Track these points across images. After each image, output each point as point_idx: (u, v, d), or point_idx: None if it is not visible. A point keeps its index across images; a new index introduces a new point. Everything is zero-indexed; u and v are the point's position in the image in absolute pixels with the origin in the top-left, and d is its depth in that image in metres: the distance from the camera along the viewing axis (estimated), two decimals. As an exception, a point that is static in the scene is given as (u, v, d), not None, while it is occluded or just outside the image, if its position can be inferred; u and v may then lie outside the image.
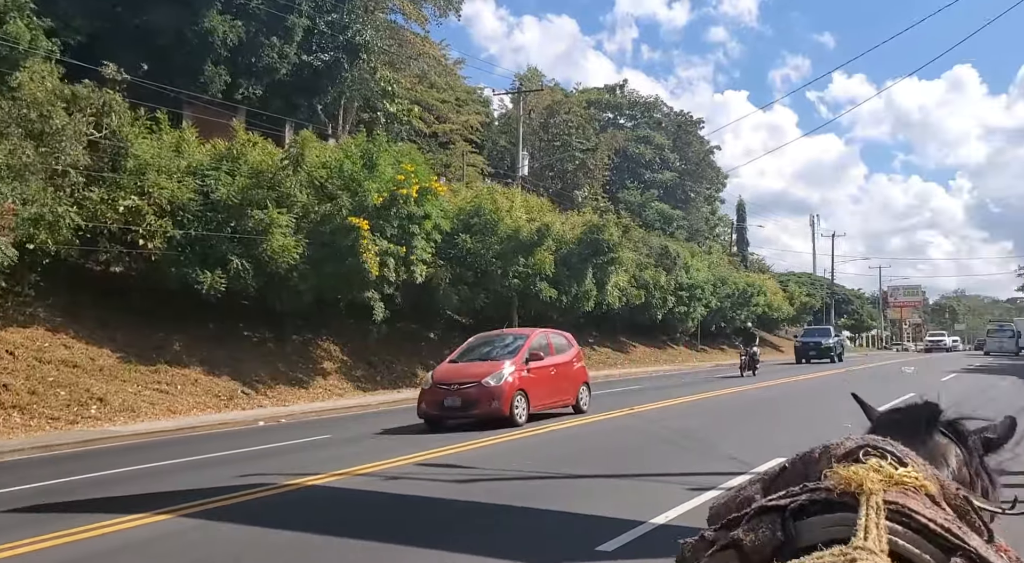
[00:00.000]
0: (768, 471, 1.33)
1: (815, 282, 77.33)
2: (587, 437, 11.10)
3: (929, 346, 75.08)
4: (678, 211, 51.08)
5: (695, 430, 11.71)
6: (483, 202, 23.23)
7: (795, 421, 13.15)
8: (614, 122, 52.80)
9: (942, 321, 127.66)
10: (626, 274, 33.79)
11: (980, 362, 39.57)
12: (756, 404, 16.63)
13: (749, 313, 51.27)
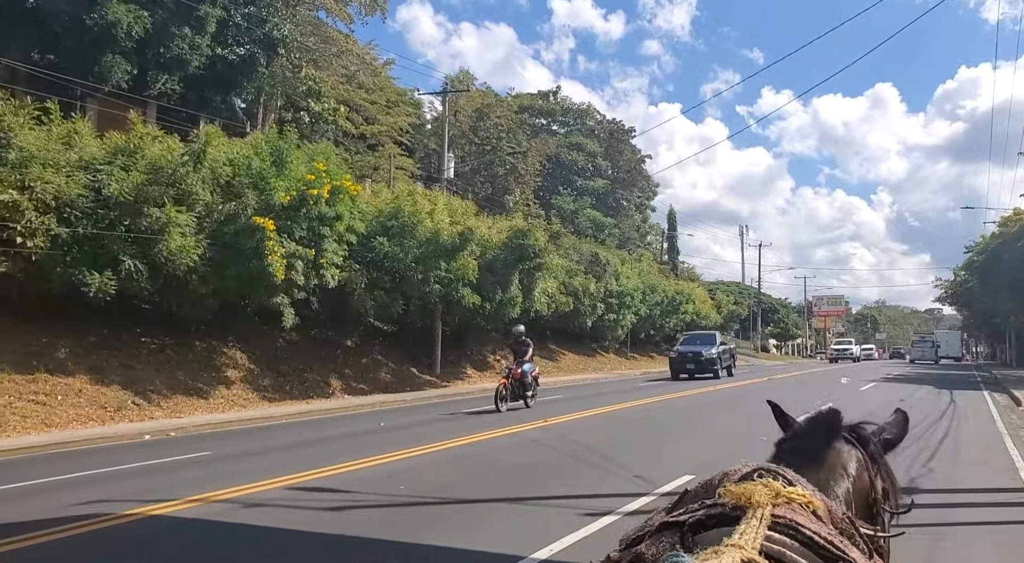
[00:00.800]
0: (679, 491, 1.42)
1: (743, 291, 78.62)
2: (486, 454, 10.36)
3: (834, 355, 68.63)
4: (610, 219, 50.99)
5: (606, 445, 11.09)
6: (403, 204, 22.35)
7: (712, 433, 12.68)
8: (547, 128, 52.44)
9: (864, 330, 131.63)
10: (555, 281, 33.30)
11: (899, 371, 40.41)
12: (675, 415, 16.18)
13: (678, 321, 51.46)
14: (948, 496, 7.89)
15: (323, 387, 21.93)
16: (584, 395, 22.03)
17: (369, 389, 23.10)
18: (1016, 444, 11.89)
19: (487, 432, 12.31)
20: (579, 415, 15.35)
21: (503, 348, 34.71)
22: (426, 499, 7.33)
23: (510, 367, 18.11)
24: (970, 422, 15.09)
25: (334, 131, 36.15)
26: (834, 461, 1.60)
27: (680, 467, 8.98)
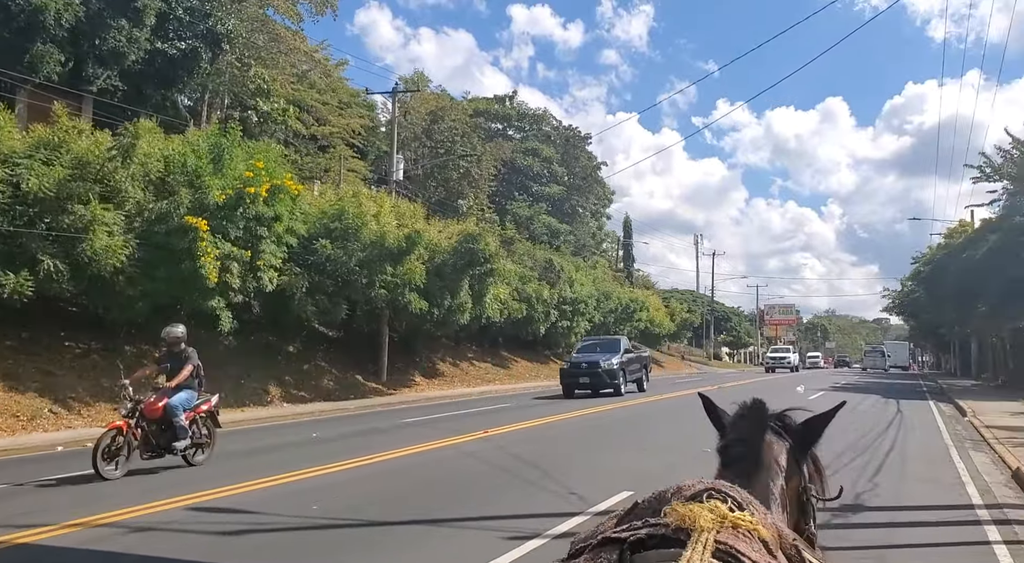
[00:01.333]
0: (626, 504, 1.42)
1: (697, 299, 79.19)
2: (416, 469, 9.78)
3: (770, 364, 60.20)
4: (565, 225, 50.77)
5: (546, 458, 10.59)
6: (347, 206, 21.63)
7: (655, 444, 12.27)
8: (503, 133, 52.04)
9: (814, 339, 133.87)
10: (507, 287, 32.78)
11: (846, 380, 40.75)
12: (620, 425, 15.76)
13: (632, 328, 51.38)
14: (895, 514, 7.55)
15: (261, 395, 21.09)
16: (531, 404, 21.54)
17: (310, 397, 22.31)
18: (962, 457, 11.70)
19: (423, 444, 11.72)
20: (524, 425, 14.84)
21: (456, 355, 34.26)
22: (340, 520, 6.72)
23: (135, 399, 9.69)
24: (916, 433, 14.95)
25: (284, 131, 35.20)
26: (768, 458, 1.63)
27: (619, 482, 8.52)
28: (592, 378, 23.97)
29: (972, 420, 17.46)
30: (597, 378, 23.87)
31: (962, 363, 54.38)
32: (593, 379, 23.98)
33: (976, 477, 9.79)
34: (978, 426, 15.96)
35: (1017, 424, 16.38)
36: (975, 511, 7.71)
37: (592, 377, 23.93)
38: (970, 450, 12.55)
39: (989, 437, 13.99)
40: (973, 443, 13.55)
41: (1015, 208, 29.43)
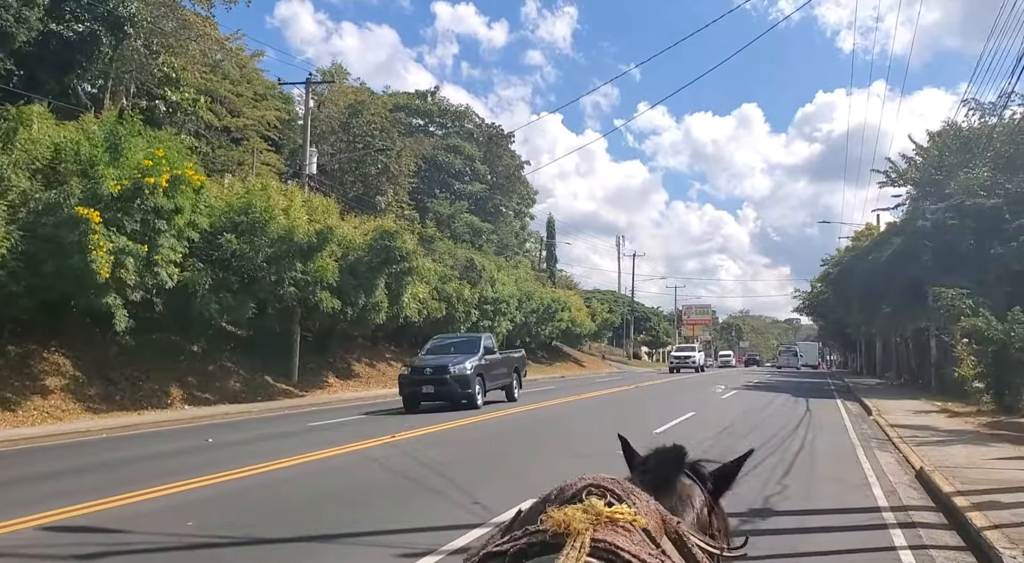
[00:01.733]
0: None
1: (618, 300, 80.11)
2: (312, 477, 9.20)
3: (675, 365, 55.85)
4: (487, 224, 50.41)
5: (454, 463, 10.16)
6: (255, 199, 20.69)
7: (570, 448, 11.98)
8: (424, 129, 51.31)
9: (729, 338, 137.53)
10: (427, 286, 32.19)
11: (759, 379, 41.73)
12: (536, 426, 15.46)
13: (554, 328, 51.50)
14: (803, 519, 7.42)
15: (161, 397, 19.97)
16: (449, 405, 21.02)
17: (214, 399, 21.28)
18: (868, 456, 11.82)
19: (324, 450, 11.11)
20: (435, 428, 14.36)
21: (373, 355, 33.43)
22: (216, 538, 6.12)
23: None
24: (824, 432, 15.14)
25: (195, 122, 33.67)
26: (682, 491, 1.63)
27: (528, 489, 8.13)
28: (438, 386, 19.22)
29: (877, 419, 17.88)
30: (444, 387, 19.22)
31: (867, 362, 56.56)
32: (440, 388, 19.23)
33: (882, 477, 9.84)
34: (883, 425, 16.32)
35: (919, 422, 16.83)
36: (881, 514, 7.66)
37: (438, 385, 19.21)
38: (876, 449, 12.73)
39: (894, 436, 14.27)
40: (878, 442, 13.78)
41: (918, 212, 30.59)
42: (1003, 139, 28.33)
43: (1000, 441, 13.48)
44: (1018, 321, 18.65)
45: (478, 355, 20.60)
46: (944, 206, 28.22)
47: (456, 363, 19.72)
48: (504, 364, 22.40)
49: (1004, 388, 18.79)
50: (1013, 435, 14.56)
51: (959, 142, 31.30)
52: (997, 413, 18.35)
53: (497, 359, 22.13)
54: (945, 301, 25.76)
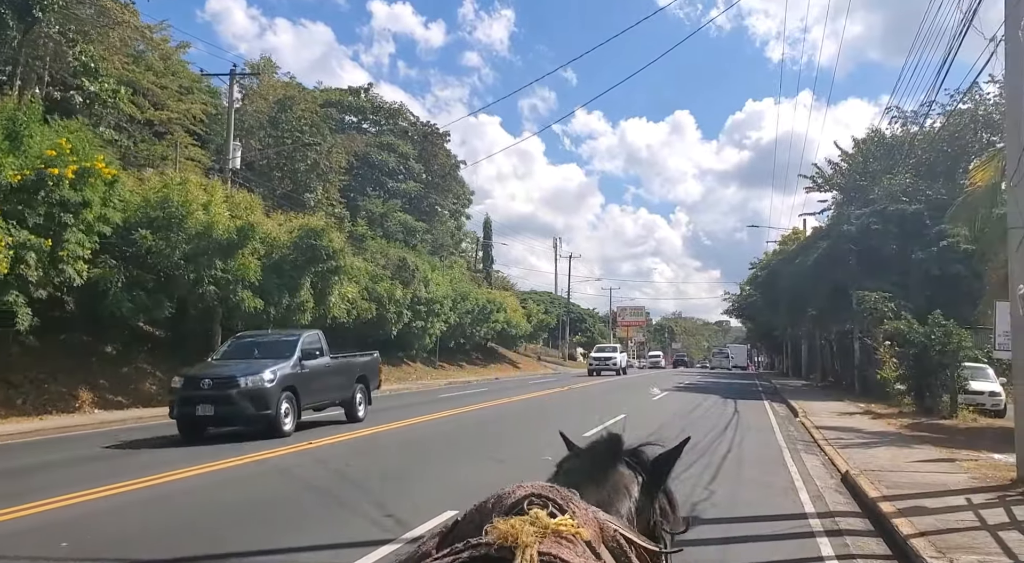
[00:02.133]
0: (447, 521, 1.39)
1: (554, 301, 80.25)
2: (213, 491, 8.56)
3: (595, 367, 49.52)
4: (422, 223, 49.66)
5: (371, 473, 9.66)
6: (172, 193, 19.69)
7: (497, 453, 11.58)
8: (357, 126, 50.26)
9: (662, 340, 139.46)
10: (356, 286, 31.40)
11: (689, 380, 42.16)
12: (470, 430, 15.02)
13: (489, 329, 51.13)
14: (730, 527, 7.17)
15: (68, 400, 18.80)
16: (376, 409, 20.40)
17: (128, 402, 20.19)
18: (794, 459, 11.77)
19: (231, 459, 10.43)
20: (352, 435, 13.77)
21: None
22: (91, 560, 5.50)
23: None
24: (752, 434, 15.13)
25: (115, 115, 32.11)
26: (617, 481, 1.64)
27: (446, 498, 7.72)
28: (221, 405, 13.46)
29: (803, 420, 18.03)
30: (230, 406, 13.48)
31: (793, 364, 57.91)
32: (222, 407, 13.49)
33: (808, 481, 9.74)
34: (809, 427, 16.43)
35: (844, 424, 17.02)
36: (808, 521, 7.49)
37: (221, 404, 13.44)
38: (802, 452, 12.71)
39: (819, 438, 14.33)
40: (805, 445, 13.81)
41: (843, 217, 31.33)
42: (924, 147, 29.18)
43: (922, 443, 13.65)
44: (938, 324, 19.07)
45: (291, 361, 14.98)
46: (868, 211, 28.90)
47: (251, 375, 14.00)
48: (340, 373, 16.92)
49: (924, 390, 19.21)
50: (934, 437, 14.80)
51: (883, 149, 32.17)
52: (918, 414, 18.73)
53: (325, 366, 16.31)
54: (868, 304, 26.35)
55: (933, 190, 28.73)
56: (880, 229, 28.11)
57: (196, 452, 11.28)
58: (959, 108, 28.12)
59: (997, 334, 12.13)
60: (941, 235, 26.53)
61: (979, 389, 19.70)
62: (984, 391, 19.89)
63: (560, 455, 1.77)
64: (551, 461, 1.79)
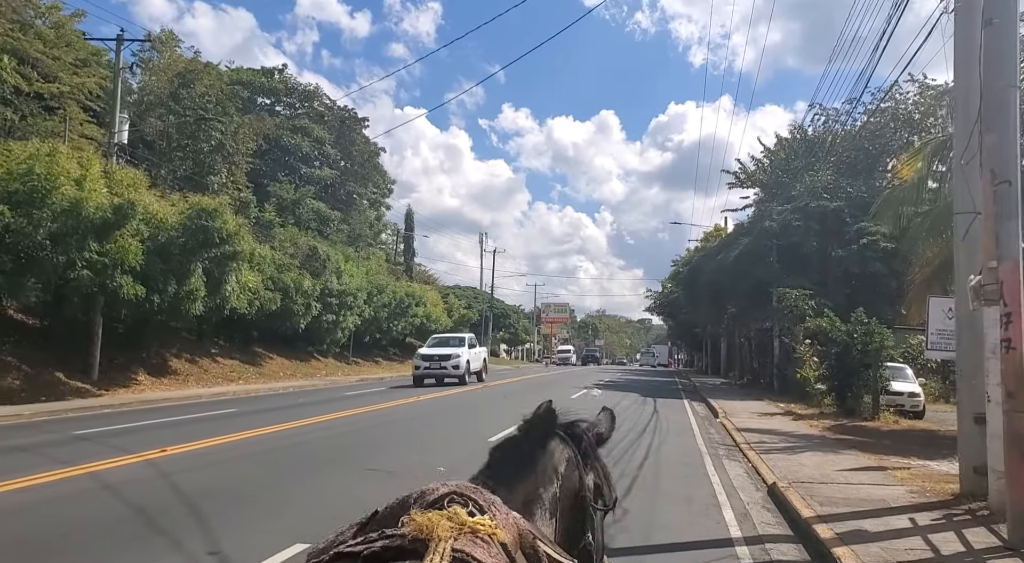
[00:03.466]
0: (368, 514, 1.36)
1: (478, 296, 78.95)
2: (17, 515, 6.81)
3: (422, 371, 28.66)
4: (337, 212, 47.44)
5: (221, 490, 8.06)
6: (37, 165, 17.44)
7: (382, 464, 10.12)
8: (271, 109, 47.66)
9: (586, 337, 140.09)
10: (259, 274, 29.34)
11: (609, 378, 41.45)
12: (360, 433, 13.46)
13: (407, 324, 49.34)
14: (642, 560, 5.93)
15: (-96, 399, 16.42)
16: (265, 409, 18.64)
17: (-21, 400, 17.84)
18: (716, 467, 10.70)
19: (59, 471, 8.65)
20: (224, 440, 12.07)
21: (197, 350, 30.16)
22: None
23: None
24: (671, 438, 14.09)
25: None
26: (545, 463, 1.66)
27: (300, 527, 6.26)
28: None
29: (724, 421, 17.16)
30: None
31: (712, 361, 58.09)
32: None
33: (732, 495, 8.64)
34: (730, 429, 15.53)
35: (765, 426, 16.19)
36: (735, 549, 6.32)
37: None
38: (724, 458, 11.69)
39: (742, 441, 13.38)
40: (727, 449, 12.81)
41: (765, 213, 30.95)
42: (845, 144, 28.99)
43: (847, 447, 12.84)
44: (860, 323, 18.49)
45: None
46: (790, 207, 28.52)
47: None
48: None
49: (846, 391, 18.61)
50: (858, 441, 14.06)
51: (805, 145, 31.95)
52: (839, 416, 18.12)
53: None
54: (789, 301, 25.90)
55: (854, 187, 28.56)
56: (801, 226, 27.75)
57: (29, 461, 9.42)
58: (880, 106, 28.01)
59: (930, 333, 11.34)
60: (861, 233, 26.31)
61: (899, 390, 19.24)
62: (904, 392, 19.44)
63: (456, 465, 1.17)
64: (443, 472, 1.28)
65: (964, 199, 7.82)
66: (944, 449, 12.78)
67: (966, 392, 7.80)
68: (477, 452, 1.80)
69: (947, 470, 10.34)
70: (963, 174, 7.64)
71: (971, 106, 7.79)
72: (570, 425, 1.78)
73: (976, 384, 7.71)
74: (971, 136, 7.45)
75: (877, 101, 27.11)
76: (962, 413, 7.86)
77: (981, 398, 7.64)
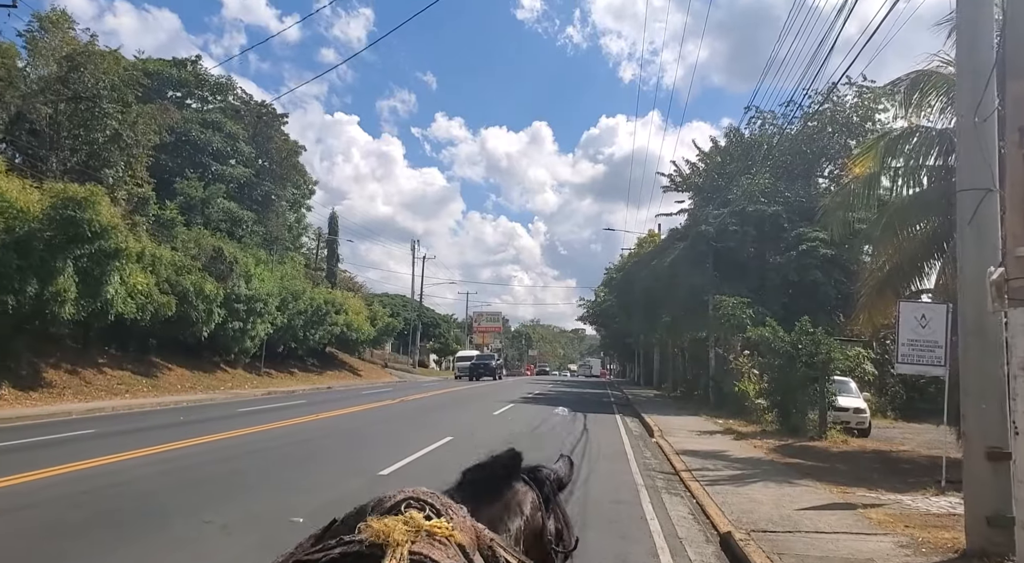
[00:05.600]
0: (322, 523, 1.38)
1: (407, 304, 76.32)
2: None
3: None
4: (251, 213, 44.37)
5: (45, 538, 5.74)
6: None
7: (224, 512, 7.88)
8: (181, 102, 44.36)
9: (519, 346, 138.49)
10: (151, 276, 26.51)
11: (539, 390, 39.56)
12: (220, 464, 11.06)
13: (326, 332, 46.50)
14: None
15: None
16: (132, 429, 16.00)
17: None
18: (656, 506, 8.79)
19: None
20: (78, 466, 9.61)
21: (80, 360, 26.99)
22: None
23: None
24: (602, 464, 12.16)
25: None
26: (511, 499, 1.69)
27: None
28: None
29: (661, 441, 15.38)
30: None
31: (645, 372, 56.91)
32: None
33: (677, 552, 6.71)
34: (668, 451, 13.72)
35: (706, 448, 14.46)
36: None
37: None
38: (664, 492, 9.80)
39: (682, 468, 11.57)
40: (665, 480, 10.94)
41: (701, 217, 29.61)
42: (782, 148, 27.88)
43: (801, 475, 11.14)
44: (806, 332, 17.01)
45: None
46: (727, 211, 27.18)
47: None
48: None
49: (790, 407, 17.06)
50: (810, 465, 12.43)
51: (741, 148, 30.79)
52: (783, 434, 16.56)
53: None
54: (726, 310, 24.47)
55: (792, 192, 27.43)
56: (739, 230, 26.43)
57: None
58: (818, 110, 26.99)
59: (900, 343, 9.70)
60: (800, 238, 25.11)
61: (845, 405, 17.80)
62: (849, 408, 18.00)
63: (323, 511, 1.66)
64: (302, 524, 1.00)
65: (974, 171, 6.09)
66: (907, 477, 11.23)
67: (974, 419, 6.06)
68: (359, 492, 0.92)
69: (926, 509, 8.67)
70: (974, 137, 5.91)
71: (980, 50, 6.08)
72: (533, 469, 1.81)
73: (989, 409, 5.97)
74: (986, 87, 5.72)
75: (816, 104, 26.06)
76: (969, 447, 6.10)
77: (997, 428, 5.91)
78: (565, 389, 44.70)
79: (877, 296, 15.02)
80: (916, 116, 14.03)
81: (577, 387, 50.14)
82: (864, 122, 26.97)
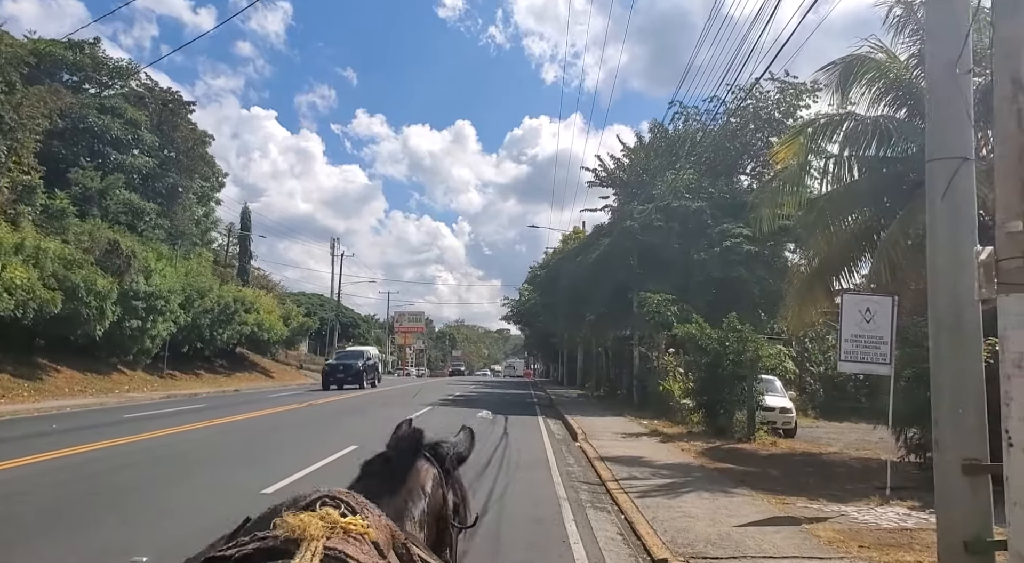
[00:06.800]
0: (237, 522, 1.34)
1: (325, 303, 73.99)
2: None
3: None
4: (154, 205, 41.65)
5: None
6: None
7: (50, 548, 6.46)
8: (78, 87, 41.32)
9: (443, 347, 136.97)
10: (33, 269, 24.22)
11: (459, 391, 38.37)
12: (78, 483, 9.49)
13: (235, 332, 44.14)
14: None
15: None
16: (4, 437, 14.10)
17: None
18: (580, 527, 7.74)
19: None
20: None
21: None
22: None
23: None
24: (522, 474, 11.08)
25: None
26: (414, 482, 1.66)
27: None
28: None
29: (584, 445, 14.44)
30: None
31: (569, 372, 56.37)
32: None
33: (606, 586, 5.68)
34: (592, 457, 12.78)
35: (632, 452, 13.58)
36: None
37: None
38: (589, 507, 8.79)
39: (608, 477, 10.61)
40: (590, 491, 9.94)
41: (626, 212, 28.97)
42: (706, 143, 27.48)
43: (735, 483, 10.33)
44: (734, 330, 16.37)
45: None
46: (651, 207, 26.59)
47: None
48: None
49: (718, 407, 16.39)
50: (742, 471, 11.67)
51: (665, 143, 30.34)
52: (711, 436, 15.87)
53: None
54: (651, 307, 23.82)
55: (716, 188, 27.06)
56: (663, 226, 25.86)
57: None
58: (741, 106, 26.69)
59: (843, 339, 8.95)
60: (724, 235, 24.68)
61: (772, 405, 17.25)
62: (776, 407, 17.47)
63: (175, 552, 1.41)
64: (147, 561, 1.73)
65: (948, 137, 5.24)
66: (844, 483, 10.55)
67: (948, 426, 5.21)
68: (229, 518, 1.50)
69: (875, 523, 7.91)
70: (950, 95, 5.06)
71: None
72: (434, 445, 1.79)
73: (966, 415, 5.12)
74: (968, 34, 4.86)
75: (739, 100, 25.71)
76: (942, 459, 5.24)
77: (975, 436, 5.07)
78: (488, 390, 43.67)
79: (807, 292, 14.47)
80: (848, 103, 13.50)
81: (500, 388, 49.17)
82: (786, 118, 26.82)
